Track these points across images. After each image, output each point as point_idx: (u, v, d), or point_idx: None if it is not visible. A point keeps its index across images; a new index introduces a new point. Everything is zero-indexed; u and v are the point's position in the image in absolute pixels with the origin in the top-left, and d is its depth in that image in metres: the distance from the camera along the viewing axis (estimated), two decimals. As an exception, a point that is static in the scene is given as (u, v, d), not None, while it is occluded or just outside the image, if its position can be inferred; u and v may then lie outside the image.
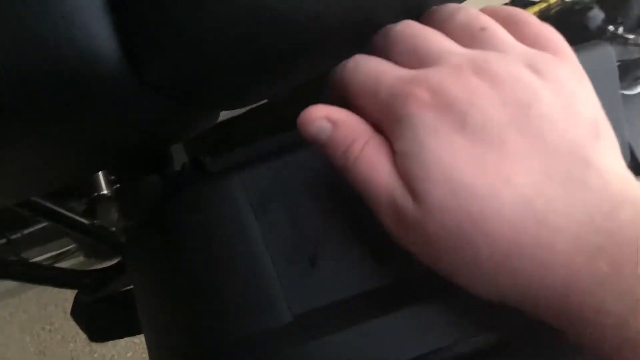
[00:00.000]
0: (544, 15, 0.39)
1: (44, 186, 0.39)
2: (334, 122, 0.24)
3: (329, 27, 0.26)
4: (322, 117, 0.25)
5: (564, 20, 0.37)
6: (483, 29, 0.23)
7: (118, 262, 0.60)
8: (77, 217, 0.54)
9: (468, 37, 0.23)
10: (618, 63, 0.32)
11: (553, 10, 0.37)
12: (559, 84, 0.22)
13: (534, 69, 0.22)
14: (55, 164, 0.32)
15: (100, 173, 0.59)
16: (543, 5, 0.40)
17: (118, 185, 0.58)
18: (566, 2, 0.37)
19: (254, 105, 0.50)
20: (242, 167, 0.31)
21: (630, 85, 0.33)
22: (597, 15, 0.35)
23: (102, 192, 0.59)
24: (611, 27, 0.34)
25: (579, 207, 0.20)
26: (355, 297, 0.29)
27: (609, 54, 0.31)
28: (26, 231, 0.67)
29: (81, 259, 0.73)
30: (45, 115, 0.26)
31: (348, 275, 0.29)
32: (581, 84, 0.23)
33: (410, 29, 0.24)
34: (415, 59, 0.23)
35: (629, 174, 0.22)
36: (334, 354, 0.27)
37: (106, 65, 0.25)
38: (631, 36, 0.33)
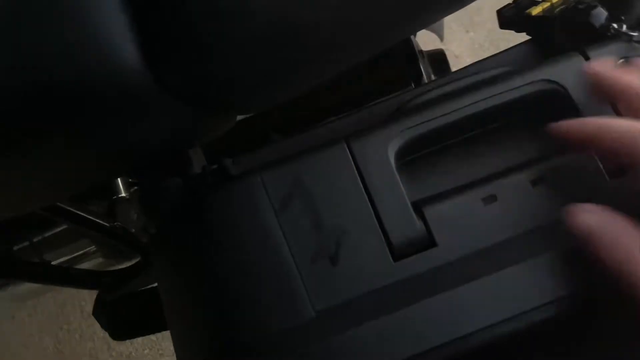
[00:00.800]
0: (548, 15, 0.40)
1: (68, 191, 0.41)
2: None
3: (337, 34, 0.28)
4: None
5: (569, 19, 0.38)
6: None
7: (137, 261, 0.61)
8: (98, 220, 0.56)
9: None
10: (622, 60, 0.33)
11: (557, 10, 0.38)
12: None
13: None
14: (80, 169, 0.33)
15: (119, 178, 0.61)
16: (546, 4, 0.41)
17: (136, 187, 0.59)
18: (569, 1, 0.38)
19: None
20: (263, 168, 0.32)
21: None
22: (600, 13, 0.36)
23: (121, 195, 0.60)
24: (615, 25, 0.35)
25: None
26: (375, 291, 0.30)
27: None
28: (47, 234, 0.69)
29: (100, 260, 0.74)
30: (72, 124, 0.28)
31: (368, 273, 0.30)
32: None
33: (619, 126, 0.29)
34: None
35: None
36: (357, 347, 0.28)
37: (129, 74, 0.26)
38: (635, 33, 0.34)
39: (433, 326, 0.29)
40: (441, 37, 0.82)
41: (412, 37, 0.61)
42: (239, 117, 0.44)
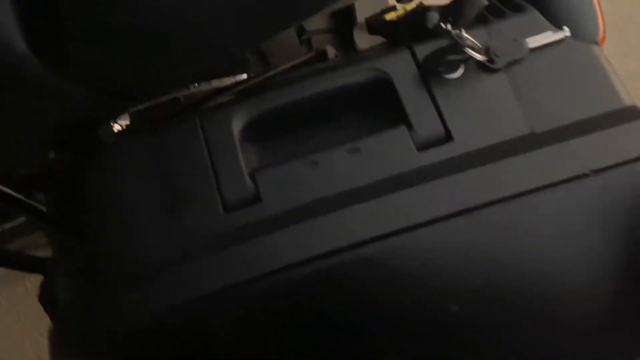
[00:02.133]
0: (396, 19, 0.46)
1: None
2: None
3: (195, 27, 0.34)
4: None
5: (409, 21, 0.44)
6: None
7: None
8: (36, 204, 0.62)
9: None
10: (433, 51, 0.39)
11: (405, 15, 0.44)
12: None
13: None
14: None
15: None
16: (401, 12, 0.47)
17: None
18: (416, 7, 0.45)
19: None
20: (128, 140, 0.39)
21: (448, 71, 0.40)
22: (433, 16, 0.42)
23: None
24: (442, 25, 0.41)
25: None
26: (206, 237, 0.36)
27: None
28: (7, 225, 0.75)
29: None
30: None
31: (201, 222, 0.36)
32: None
33: None
34: None
35: None
36: (182, 278, 0.34)
37: (18, 60, 0.33)
38: (455, 31, 0.40)
39: (252, 262, 0.34)
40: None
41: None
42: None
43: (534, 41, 0.40)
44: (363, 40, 0.82)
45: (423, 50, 0.40)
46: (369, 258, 0.34)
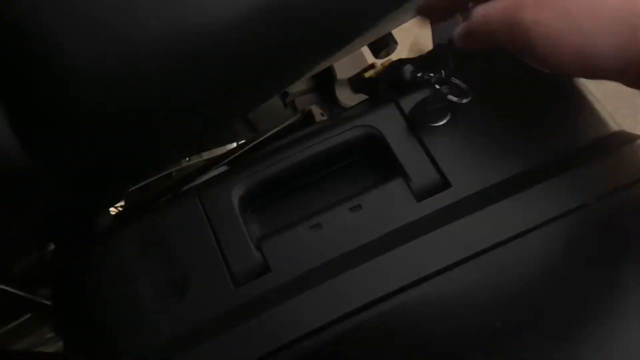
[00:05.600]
0: (374, 75, 0.48)
1: None
2: None
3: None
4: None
5: (387, 75, 0.45)
6: None
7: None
8: (45, 301, 0.61)
9: None
10: (417, 102, 0.40)
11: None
12: None
13: None
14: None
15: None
16: (379, 68, 0.49)
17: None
18: (390, 62, 0.46)
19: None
20: (124, 224, 0.39)
21: (435, 119, 0.41)
22: (408, 68, 0.43)
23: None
24: (419, 74, 0.42)
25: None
26: (219, 315, 0.35)
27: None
28: (10, 325, 0.74)
29: (60, 344, 0.79)
30: None
31: (211, 300, 0.36)
32: None
33: None
34: None
35: None
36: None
37: (7, 157, 0.33)
38: (430, 75, 0.41)
39: (267, 336, 0.34)
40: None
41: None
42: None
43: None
44: (344, 95, 0.84)
45: (408, 102, 0.41)
46: (387, 315, 0.33)
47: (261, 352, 0.33)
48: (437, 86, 0.39)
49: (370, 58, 0.77)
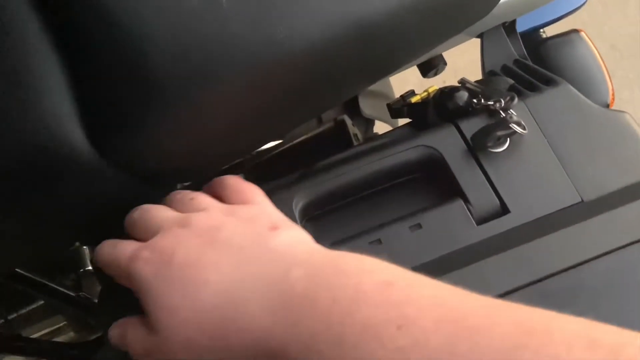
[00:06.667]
0: (424, 101, 0.49)
1: (21, 257, 0.45)
2: None
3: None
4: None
5: (440, 102, 0.46)
6: (191, 198, 0.33)
7: (102, 334, 0.66)
8: (64, 290, 0.61)
9: (182, 206, 0.33)
10: (482, 127, 0.41)
11: (431, 96, 0.47)
12: (242, 214, 0.31)
13: (227, 213, 0.31)
14: (32, 237, 0.39)
15: (86, 250, 0.67)
16: (424, 94, 0.49)
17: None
18: (441, 88, 0.47)
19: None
20: None
21: (496, 145, 0.41)
22: (462, 94, 0.44)
23: (87, 268, 0.66)
24: (475, 100, 0.43)
25: (261, 278, 0.28)
26: None
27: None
28: (22, 311, 0.73)
29: (72, 334, 0.78)
30: (21, 194, 0.33)
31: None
32: (262, 208, 0.32)
33: (143, 211, 0.33)
34: (150, 233, 0.31)
35: (305, 246, 0.29)
36: None
37: (72, 147, 0.32)
38: (491, 102, 0.42)
39: None
40: (393, 125, 0.91)
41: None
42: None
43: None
44: (368, 106, 0.85)
45: (468, 126, 0.41)
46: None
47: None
48: (503, 114, 0.40)
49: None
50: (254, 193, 0.34)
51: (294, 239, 0.30)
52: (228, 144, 0.38)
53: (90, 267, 0.67)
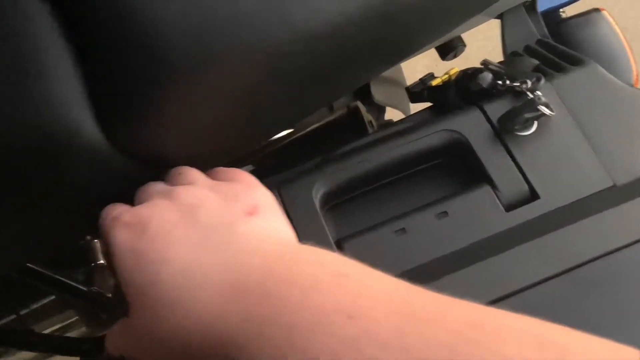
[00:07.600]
0: (446, 84, 0.47)
1: (32, 251, 0.44)
2: None
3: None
4: None
5: (463, 84, 0.44)
6: (180, 173, 0.33)
7: (116, 327, 0.64)
8: (76, 284, 0.60)
9: (171, 179, 0.33)
10: (508, 109, 0.39)
11: (453, 79, 0.45)
12: (227, 191, 0.30)
13: (213, 190, 0.30)
14: (42, 228, 0.38)
15: (97, 244, 0.65)
16: (445, 76, 0.48)
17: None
18: (463, 70, 0.45)
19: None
20: None
21: (523, 128, 0.40)
22: (486, 76, 0.42)
23: (99, 262, 0.64)
24: (500, 82, 0.41)
25: (220, 263, 0.27)
26: None
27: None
28: (34, 306, 0.72)
29: (84, 329, 0.77)
30: (30, 183, 0.32)
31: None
32: (251, 190, 0.31)
33: (143, 186, 0.33)
34: (139, 202, 0.32)
35: (275, 236, 0.29)
36: None
37: (82, 134, 0.31)
38: (517, 84, 0.40)
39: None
40: (405, 112, 0.89)
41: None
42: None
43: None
44: (379, 92, 0.83)
45: (493, 108, 0.40)
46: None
47: None
48: (530, 95, 0.38)
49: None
50: (246, 174, 0.33)
51: (264, 228, 0.29)
52: (237, 130, 0.37)
53: (102, 261, 0.66)
